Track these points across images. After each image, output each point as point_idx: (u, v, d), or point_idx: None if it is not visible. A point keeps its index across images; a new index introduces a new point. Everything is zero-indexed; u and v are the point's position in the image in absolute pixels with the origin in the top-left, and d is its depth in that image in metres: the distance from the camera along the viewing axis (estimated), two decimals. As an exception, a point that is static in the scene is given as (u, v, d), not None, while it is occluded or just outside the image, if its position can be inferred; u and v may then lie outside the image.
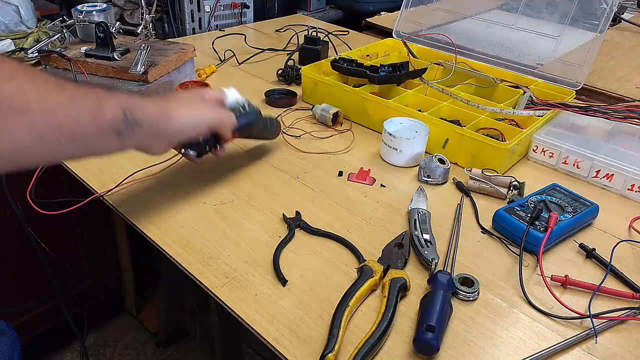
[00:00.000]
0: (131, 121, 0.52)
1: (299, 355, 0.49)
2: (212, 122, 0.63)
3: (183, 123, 0.59)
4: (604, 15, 1.00)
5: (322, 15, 1.75)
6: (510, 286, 0.59)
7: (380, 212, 0.70)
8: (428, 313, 0.51)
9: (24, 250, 1.11)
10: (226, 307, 0.54)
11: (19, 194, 0.96)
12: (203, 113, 0.63)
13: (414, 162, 0.81)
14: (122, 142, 0.53)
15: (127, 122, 0.52)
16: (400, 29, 1.25)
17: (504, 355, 0.50)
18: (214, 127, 0.64)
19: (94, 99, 0.50)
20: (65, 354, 1.47)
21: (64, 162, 0.66)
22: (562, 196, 0.70)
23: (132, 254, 1.45)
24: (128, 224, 0.67)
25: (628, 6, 1.74)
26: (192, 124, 0.61)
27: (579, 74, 1.01)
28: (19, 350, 0.84)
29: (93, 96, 0.50)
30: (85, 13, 1.00)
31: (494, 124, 0.85)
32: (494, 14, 1.25)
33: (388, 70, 0.95)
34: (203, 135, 0.65)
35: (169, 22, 1.43)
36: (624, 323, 0.55)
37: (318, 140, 0.87)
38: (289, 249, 0.63)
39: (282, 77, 1.09)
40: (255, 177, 0.76)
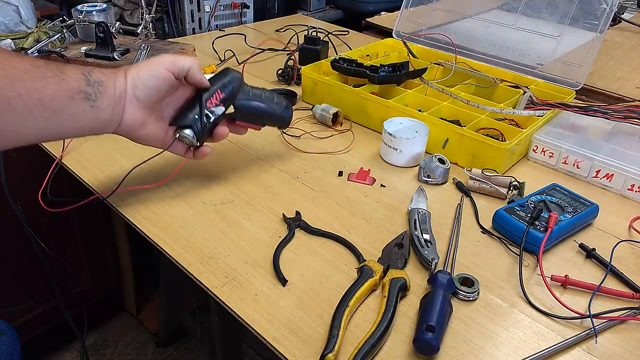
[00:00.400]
0: (92, 81, 0.54)
1: (299, 355, 0.49)
2: (168, 61, 0.60)
3: (139, 70, 0.59)
4: (604, 15, 1.00)
5: (322, 15, 1.75)
6: (510, 286, 0.59)
7: (380, 212, 0.70)
8: (428, 313, 0.51)
9: (24, 250, 1.12)
10: (226, 307, 0.54)
11: (19, 194, 0.96)
12: (157, 58, 0.62)
13: (414, 162, 0.81)
14: (94, 107, 0.54)
15: (90, 81, 0.54)
16: (400, 29, 1.25)
17: (504, 355, 0.50)
18: (171, 65, 0.61)
19: (54, 66, 0.52)
20: (65, 354, 1.47)
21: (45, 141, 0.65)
22: (562, 196, 0.70)
23: (132, 254, 1.45)
24: (128, 224, 0.67)
25: (628, 6, 1.74)
26: (147, 69, 0.60)
27: (579, 74, 1.01)
28: (19, 350, 0.84)
29: (53, 64, 0.52)
30: (85, 13, 1.00)
31: (494, 124, 0.85)
32: (494, 14, 1.25)
33: (388, 70, 0.95)
34: (167, 81, 0.61)
35: (169, 22, 1.43)
36: (624, 323, 0.55)
37: (318, 140, 0.87)
38: (289, 249, 0.63)
39: (282, 77, 1.09)
40: (255, 177, 0.76)
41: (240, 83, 0.69)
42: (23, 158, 1.08)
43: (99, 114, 0.55)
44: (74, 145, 0.81)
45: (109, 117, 0.57)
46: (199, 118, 0.64)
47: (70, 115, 0.53)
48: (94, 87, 0.54)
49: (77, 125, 0.55)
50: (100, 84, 0.55)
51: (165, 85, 0.61)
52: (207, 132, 0.66)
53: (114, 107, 0.57)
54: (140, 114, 0.60)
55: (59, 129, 0.54)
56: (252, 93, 0.70)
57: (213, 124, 0.66)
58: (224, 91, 0.66)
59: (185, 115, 0.64)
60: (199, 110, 0.65)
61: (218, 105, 0.66)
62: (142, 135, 0.62)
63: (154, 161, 0.70)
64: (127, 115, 0.59)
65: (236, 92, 0.68)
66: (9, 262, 1.22)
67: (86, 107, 0.54)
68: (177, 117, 0.65)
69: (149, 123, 0.62)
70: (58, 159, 0.71)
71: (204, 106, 0.65)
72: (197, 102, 0.65)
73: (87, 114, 0.54)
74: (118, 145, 0.82)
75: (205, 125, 0.65)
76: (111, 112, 0.57)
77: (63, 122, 0.53)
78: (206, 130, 0.65)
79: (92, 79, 0.55)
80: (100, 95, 0.55)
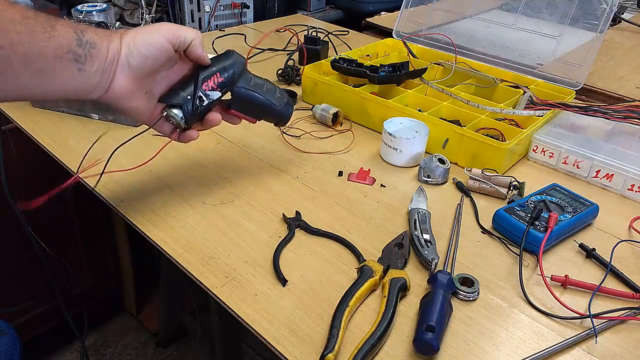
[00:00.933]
0: (84, 42, 0.50)
1: (299, 355, 0.49)
2: (169, 30, 0.56)
3: (136, 37, 0.54)
4: (604, 15, 1.00)
5: (322, 15, 1.75)
6: (510, 286, 0.59)
7: (380, 212, 0.70)
8: (428, 313, 0.51)
9: (24, 250, 1.12)
10: (226, 307, 0.54)
11: (19, 194, 0.96)
12: (158, 25, 0.57)
13: (414, 162, 0.81)
14: (81, 70, 0.50)
15: (81, 42, 0.50)
16: (400, 29, 1.25)
17: (504, 356, 0.50)
18: (172, 36, 0.56)
19: (45, 19, 0.48)
20: (65, 354, 1.48)
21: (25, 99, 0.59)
22: (562, 196, 0.70)
23: (132, 254, 1.45)
24: (128, 224, 0.67)
25: (628, 6, 1.74)
26: (145, 36, 0.55)
27: (579, 74, 1.01)
28: (19, 350, 0.84)
29: (43, 17, 0.48)
30: (85, 13, 1.00)
31: (494, 124, 0.85)
32: (494, 14, 1.25)
33: (388, 70, 0.95)
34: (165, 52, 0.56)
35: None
36: (624, 323, 0.55)
37: (318, 140, 0.87)
38: (289, 249, 0.63)
39: (282, 77, 1.09)
40: (255, 177, 0.76)
41: (243, 69, 0.64)
42: (23, 158, 1.08)
43: (87, 78, 0.51)
44: (73, 145, 0.81)
45: (96, 82, 0.52)
46: (191, 99, 0.59)
47: (55, 76, 0.49)
48: (84, 49, 0.50)
49: (61, 86, 0.51)
50: (93, 46, 0.51)
51: (162, 56, 0.56)
52: (198, 116, 0.61)
53: (104, 72, 0.52)
54: (131, 83, 0.55)
55: (41, 88, 0.50)
56: (253, 82, 0.66)
57: (205, 109, 0.61)
58: (224, 75, 0.62)
59: (177, 93, 0.59)
60: (192, 90, 0.60)
61: (214, 89, 0.61)
62: (127, 107, 0.57)
63: (155, 163, 0.69)
64: (116, 82, 0.54)
65: (236, 78, 0.63)
66: (9, 262, 1.22)
67: (74, 70, 0.50)
68: (168, 94, 0.60)
69: (137, 95, 0.57)
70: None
71: (199, 87, 0.60)
72: (193, 81, 0.60)
73: (73, 77, 0.50)
74: (118, 144, 0.82)
75: (197, 108, 0.60)
76: (100, 77, 0.52)
77: (46, 82, 0.49)
78: (197, 113, 0.60)
79: (84, 39, 0.50)
80: (91, 58, 0.50)
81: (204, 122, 0.63)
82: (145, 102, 0.58)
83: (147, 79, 0.57)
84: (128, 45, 0.54)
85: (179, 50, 0.58)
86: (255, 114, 0.69)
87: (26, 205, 0.56)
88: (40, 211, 0.69)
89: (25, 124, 0.86)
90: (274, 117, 0.71)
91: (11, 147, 1.03)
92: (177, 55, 0.59)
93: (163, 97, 0.60)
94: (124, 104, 0.56)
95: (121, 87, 0.55)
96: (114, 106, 0.57)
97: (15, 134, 0.95)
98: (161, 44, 0.55)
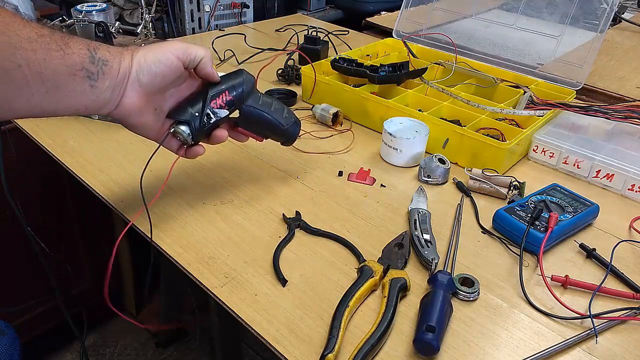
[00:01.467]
0: (97, 59, 0.51)
1: (299, 356, 0.49)
2: (179, 48, 0.57)
3: (147, 54, 0.55)
4: (604, 15, 1.00)
5: (322, 15, 1.75)
6: (511, 286, 0.59)
7: (380, 212, 0.70)
8: (428, 313, 0.51)
9: (24, 250, 1.12)
10: (226, 307, 0.54)
11: (19, 194, 0.96)
12: (168, 44, 0.58)
13: (414, 162, 0.81)
14: (94, 87, 0.51)
15: (94, 59, 0.51)
16: (400, 29, 1.25)
17: (504, 356, 0.50)
18: (182, 53, 0.57)
19: (59, 37, 0.48)
20: (65, 354, 1.48)
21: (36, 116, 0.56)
22: (562, 196, 0.70)
23: (132, 254, 1.45)
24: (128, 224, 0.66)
25: (628, 6, 1.74)
26: (156, 53, 0.56)
27: (579, 73, 1.00)
28: (19, 351, 0.84)
29: (58, 35, 0.48)
30: (85, 13, 1.00)
31: (494, 124, 0.85)
32: (494, 14, 1.25)
33: (388, 70, 0.95)
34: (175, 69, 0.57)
35: (168, 22, 1.43)
36: (624, 323, 0.55)
37: (318, 140, 0.87)
38: (289, 249, 0.62)
39: (282, 77, 1.09)
40: (255, 177, 0.76)
41: (252, 88, 0.65)
42: (23, 158, 1.08)
43: (98, 94, 0.52)
44: (73, 145, 0.81)
45: (107, 98, 0.53)
46: (199, 116, 0.60)
47: (68, 93, 0.50)
48: (97, 66, 0.51)
49: (73, 103, 0.51)
50: (105, 63, 0.52)
51: (172, 74, 0.57)
52: (205, 133, 0.62)
53: (115, 89, 0.54)
54: (140, 100, 0.56)
55: (54, 105, 0.50)
56: (261, 101, 0.66)
57: (213, 126, 0.62)
58: (232, 93, 0.62)
59: (185, 109, 0.60)
60: (201, 107, 0.60)
61: (222, 107, 0.62)
62: (136, 123, 0.58)
63: (155, 163, 0.69)
64: (126, 99, 0.55)
65: (245, 97, 0.64)
66: (9, 262, 1.22)
67: (86, 86, 0.51)
68: (176, 110, 0.60)
69: (146, 112, 0.58)
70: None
71: (207, 104, 0.60)
72: (201, 98, 0.61)
73: (85, 94, 0.51)
74: (118, 144, 0.82)
75: (204, 125, 0.61)
76: (111, 93, 0.53)
77: (59, 99, 0.50)
78: (204, 130, 0.61)
79: (97, 56, 0.51)
80: (103, 75, 0.52)
81: (210, 138, 0.64)
82: (153, 118, 0.59)
83: (156, 95, 0.58)
84: (139, 62, 0.55)
85: (188, 68, 0.59)
86: (262, 133, 0.69)
87: None
88: (40, 211, 0.69)
89: (25, 124, 0.86)
90: (281, 136, 0.71)
91: (11, 147, 1.03)
92: (186, 72, 0.60)
93: (171, 113, 0.61)
94: (133, 120, 0.57)
95: (131, 103, 0.56)
96: (123, 122, 0.58)
97: (15, 134, 0.95)
98: (171, 61, 0.56)
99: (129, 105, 0.55)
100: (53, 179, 1.22)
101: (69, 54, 0.49)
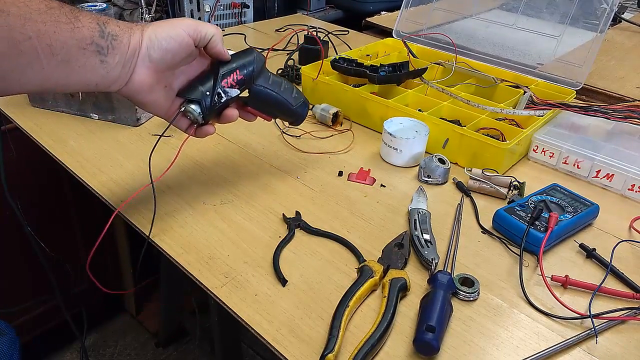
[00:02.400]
0: (107, 34, 0.50)
1: (299, 356, 0.49)
2: (190, 25, 0.56)
3: (157, 30, 0.55)
4: (604, 15, 1.00)
5: (322, 15, 1.75)
6: (511, 286, 0.59)
7: (380, 212, 0.70)
8: (428, 313, 0.51)
9: (24, 250, 1.12)
10: (226, 307, 0.54)
11: (19, 194, 0.96)
12: (179, 20, 0.57)
13: (414, 162, 0.81)
14: (104, 62, 0.50)
15: (104, 34, 0.50)
16: (400, 29, 1.25)
17: (504, 356, 0.50)
18: (193, 31, 0.56)
19: (69, 9, 0.48)
20: (65, 354, 1.48)
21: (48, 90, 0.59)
22: (562, 196, 0.70)
23: (132, 254, 1.45)
24: (128, 224, 0.66)
25: (628, 6, 1.74)
26: (167, 30, 0.55)
27: (579, 73, 1.00)
28: (19, 351, 0.84)
29: (67, 7, 0.48)
30: (85, 13, 1.00)
31: (494, 124, 0.85)
32: (494, 14, 1.25)
33: (388, 70, 0.95)
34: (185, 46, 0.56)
35: (168, 22, 1.43)
36: (624, 323, 0.55)
37: (318, 140, 0.87)
38: (289, 249, 0.62)
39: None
40: (255, 177, 0.76)
41: (262, 67, 0.64)
42: (23, 158, 1.08)
43: (108, 70, 0.52)
44: (73, 145, 0.81)
45: (117, 74, 0.53)
46: (209, 95, 0.59)
47: (78, 67, 0.49)
48: (107, 40, 0.50)
49: (84, 78, 0.51)
50: (115, 38, 0.51)
51: (183, 51, 0.57)
52: (215, 112, 0.61)
53: (125, 65, 0.53)
54: (150, 76, 0.55)
55: (65, 80, 0.50)
56: (271, 80, 0.65)
57: (223, 105, 0.61)
58: (243, 72, 0.61)
59: (196, 88, 0.59)
60: (212, 86, 0.59)
61: (233, 87, 0.61)
62: (146, 101, 0.57)
63: (155, 163, 0.69)
64: (137, 75, 0.54)
65: (255, 76, 0.63)
66: (9, 262, 1.22)
67: (96, 61, 0.50)
68: (187, 89, 0.59)
69: (156, 89, 0.57)
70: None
71: (218, 83, 0.59)
72: (212, 77, 0.60)
73: (95, 69, 0.51)
74: (118, 144, 0.82)
75: (215, 105, 0.60)
76: (121, 69, 0.53)
77: (69, 74, 0.49)
78: (214, 109, 0.60)
79: (106, 30, 0.50)
80: (113, 49, 0.51)
81: (220, 117, 0.63)
82: (164, 95, 0.58)
83: (166, 72, 0.58)
84: (150, 38, 0.54)
85: (199, 46, 0.58)
86: (271, 112, 0.69)
87: None
88: (40, 211, 0.69)
89: (25, 124, 0.86)
90: (290, 116, 0.71)
91: (11, 147, 1.03)
92: (197, 50, 0.59)
93: (182, 92, 0.60)
94: (143, 97, 0.57)
95: (141, 80, 0.55)
96: (133, 99, 0.57)
97: (15, 134, 0.95)
98: (182, 37, 0.56)
99: (138, 82, 0.55)
100: (53, 179, 1.22)
101: (79, 27, 0.48)
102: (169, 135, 0.84)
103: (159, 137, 0.62)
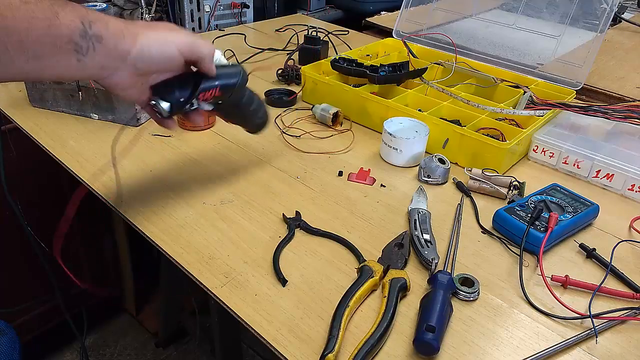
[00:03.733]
0: (91, 35, 0.48)
1: (299, 356, 0.49)
2: (185, 44, 0.55)
3: (151, 43, 0.53)
4: (604, 15, 1.00)
5: (322, 15, 1.75)
6: (511, 286, 0.59)
7: (380, 212, 0.70)
8: (428, 313, 0.51)
9: (24, 250, 1.12)
10: (226, 307, 0.54)
11: (19, 194, 0.96)
12: (174, 34, 0.55)
13: (414, 162, 0.81)
14: (81, 61, 0.48)
15: (87, 35, 0.47)
16: (400, 29, 1.25)
17: (504, 356, 0.50)
18: (187, 50, 0.55)
19: (48, 5, 0.45)
20: (65, 354, 1.48)
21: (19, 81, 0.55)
22: (562, 196, 0.70)
23: (132, 254, 1.45)
24: (128, 224, 0.66)
25: (628, 6, 1.74)
26: (161, 44, 0.54)
27: (579, 73, 1.00)
28: (19, 350, 0.84)
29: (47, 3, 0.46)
30: (85, 13, 1.00)
31: (494, 124, 0.85)
32: (494, 14, 1.25)
33: (388, 70, 0.95)
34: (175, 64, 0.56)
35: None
36: (624, 323, 0.55)
37: (318, 140, 0.87)
38: (289, 249, 0.62)
39: (282, 77, 1.09)
40: (255, 177, 0.76)
41: (243, 85, 0.65)
42: (23, 158, 1.08)
43: (84, 69, 0.49)
44: (73, 145, 0.81)
45: (94, 73, 0.51)
46: (183, 101, 0.59)
47: (52, 63, 0.47)
48: (88, 41, 0.47)
49: (57, 73, 0.49)
50: (99, 40, 0.48)
51: (171, 67, 0.56)
52: (183, 114, 0.61)
53: (105, 67, 0.51)
54: (130, 79, 0.54)
55: (37, 73, 0.48)
56: (245, 99, 0.67)
57: (193, 112, 0.61)
58: (222, 90, 0.61)
59: (173, 92, 0.58)
60: (188, 95, 0.59)
61: (208, 101, 0.61)
62: (121, 95, 0.56)
63: (155, 163, 0.69)
64: (116, 77, 0.53)
65: (232, 96, 0.64)
66: (9, 262, 1.22)
67: (72, 60, 0.47)
68: (164, 89, 0.58)
69: (134, 87, 0.56)
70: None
71: (195, 95, 0.59)
72: (190, 85, 0.59)
73: (70, 67, 0.48)
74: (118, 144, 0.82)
75: (185, 110, 0.60)
76: (99, 70, 0.50)
77: (42, 68, 0.47)
78: (183, 112, 0.60)
79: (90, 32, 0.47)
80: (93, 51, 0.48)
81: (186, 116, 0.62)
82: (137, 91, 0.57)
83: (147, 76, 0.57)
84: (142, 48, 0.52)
85: (189, 62, 0.58)
86: (233, 122, 0.74)
87: None
88: (40, 211, 0.69)
89: (25, 124, 0.86)
90: (250, 129, 0.76)
91: (11, 147, 1.03)
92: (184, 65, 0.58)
93: (158, 91, 0.59)
94: (117, 91, 0.55)
95: (120, 80, 0.54)
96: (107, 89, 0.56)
97: (15, 134, 0.95)
98: (173, 56, 0.55)
99: (117, 81, 0.53)
100: (53, 178, 1.22)
101: (56, 25, 0.45)
102: (169, 135, 0.84)
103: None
